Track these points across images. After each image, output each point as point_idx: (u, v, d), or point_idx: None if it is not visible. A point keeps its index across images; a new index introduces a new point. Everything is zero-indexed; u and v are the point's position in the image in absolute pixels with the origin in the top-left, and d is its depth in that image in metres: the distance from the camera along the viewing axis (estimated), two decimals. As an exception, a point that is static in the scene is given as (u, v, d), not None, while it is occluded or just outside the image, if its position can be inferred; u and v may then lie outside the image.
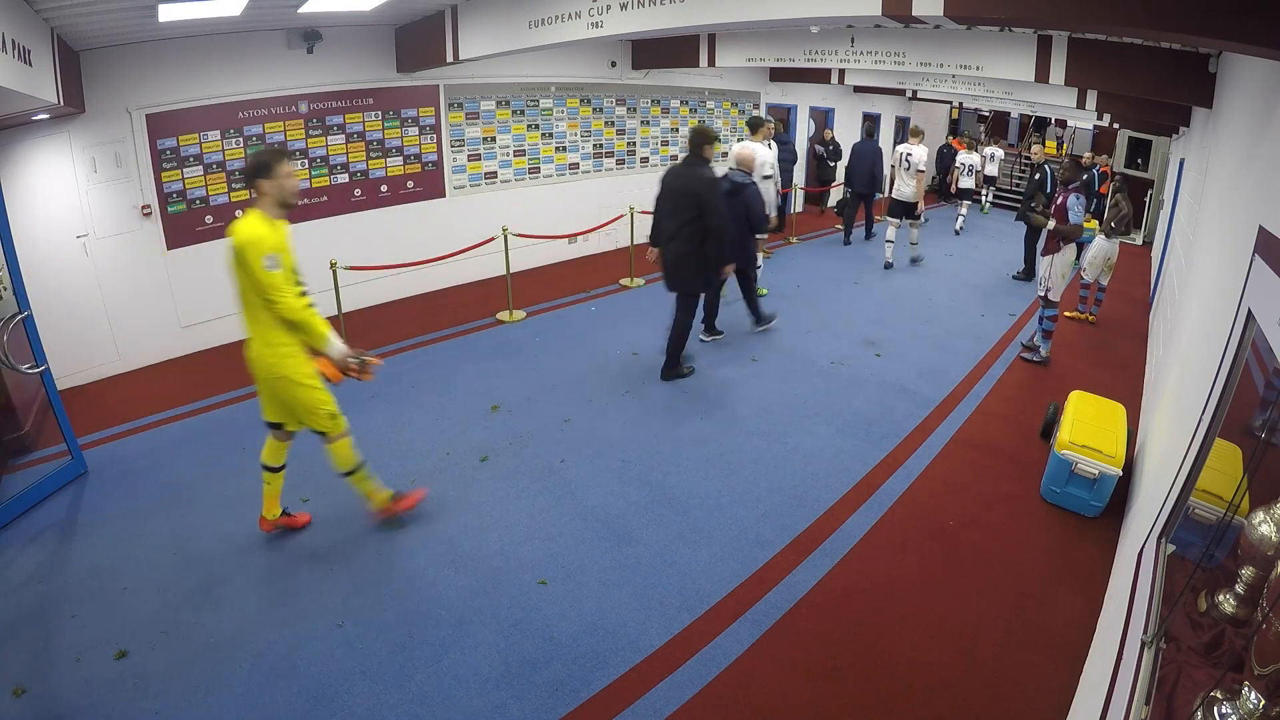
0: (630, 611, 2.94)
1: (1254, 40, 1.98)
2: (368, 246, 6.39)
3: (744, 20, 3.56)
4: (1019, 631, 2.90)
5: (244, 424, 4.50)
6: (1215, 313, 2.50)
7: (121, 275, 5.16)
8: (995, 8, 2.75)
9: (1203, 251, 3.62)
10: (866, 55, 6.32)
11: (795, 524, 3.56)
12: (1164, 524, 2.30)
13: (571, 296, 7.14)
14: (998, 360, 5.89)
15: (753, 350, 5.79)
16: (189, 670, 2.60)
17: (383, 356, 5.55)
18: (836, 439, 4.42)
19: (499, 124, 7.48)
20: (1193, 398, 2.43)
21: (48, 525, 3.48)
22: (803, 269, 8.41)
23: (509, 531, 3.45)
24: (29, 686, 2.51)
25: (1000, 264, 9.05)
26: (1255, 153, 2.48)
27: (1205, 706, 1.32)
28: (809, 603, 3.03)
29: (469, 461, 4.07)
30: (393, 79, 6.46)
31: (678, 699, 2.53)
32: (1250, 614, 1.45)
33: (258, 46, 5.54)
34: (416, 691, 2.53)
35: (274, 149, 3.98)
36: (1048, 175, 7.82)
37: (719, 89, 10.03)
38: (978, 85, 8.55)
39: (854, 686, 2.61)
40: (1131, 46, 4.78)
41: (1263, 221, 1.91)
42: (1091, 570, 3.27)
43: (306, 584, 3.07)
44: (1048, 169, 7.87)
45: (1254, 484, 1.62)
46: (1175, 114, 6.41)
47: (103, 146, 4.93)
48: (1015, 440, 4.52)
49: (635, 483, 3.88)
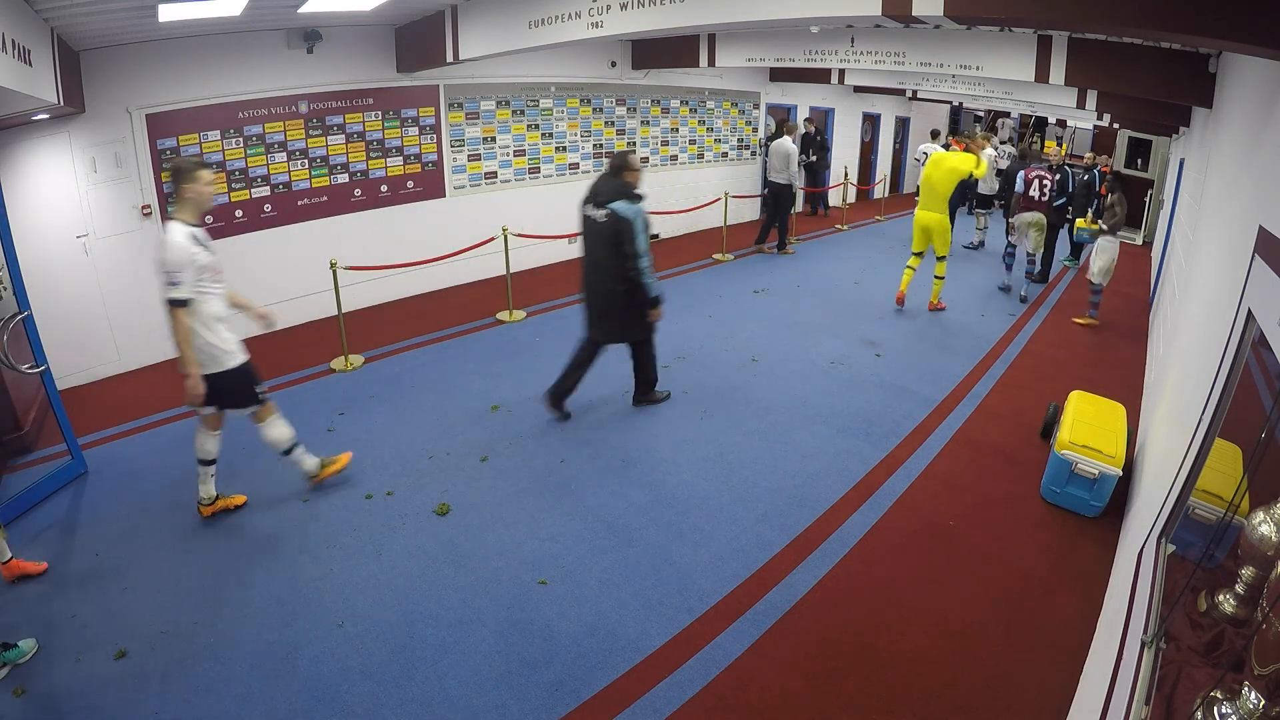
0: (630, 611, 2.94)
1: (1254, 40, 1.98)
2: (368, 246, 6.39)
3: (744, 20, 3.56)
4: (1019, 631, 2.90)
5: (243, 424, 4.49)
6: (1215, 313, 2.50)
7: (121, 275, 5.16)
8: (995, 8, 2.75)
9: (1203, 251, 3.62)
10: (866, 55, 6.32)
11: (795, 524, 3.56)
12: (1164, 524, 2.30)
13: (572, 296, 7.13)
14: (998, 360, 5.89)
15: (753, 350, 5.79)
16: (189, 670, 2.60)
17: (383, 356, 5.59)
18: (836, 439, 4.42)
19: (499, 124, 7.48)
20: (1193, 398, 2.44)
21: (48, 525, 3.48)
22: (803, 269, 8.42)
23: (509, 531, 3.45)
24: (29, 686, 2.51)
25: (1001, 264, 9.03)
26: (1255, 153, 2.48)
27: (1205, 706, 1.32)
28: (809, 603, 3.03)
29: (469, 461, 4.07)
30: (393, 79, 6.46)
31: (678, 699, 2.53)
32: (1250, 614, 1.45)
33: (258, 46, 5.54)
34: (416, 691, 2.53)
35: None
36: (1068, 176, 7.83)
37: (719, 89, 10.03)
38: (978, 85, 8.56)
39: (854, 686, 2.61)
40: (1131, 46, 4.78)
41: (1263, 221, 1.91)
42: (1091, 570, 3.27)
43: (306, 584, 3.07)
44: (1068, 170, 7.86)
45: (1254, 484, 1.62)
46: (1175, 114, 6.41)
47: (103, 146, 4.93)
48: (1015, 440, 4.52)
49: (635, 483, 3.88)
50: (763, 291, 7.46)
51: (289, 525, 3.47)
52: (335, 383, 5.15)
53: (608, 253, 4.10)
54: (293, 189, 6.03)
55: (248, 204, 5.77)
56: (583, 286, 4.42)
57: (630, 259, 4.04)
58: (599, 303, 4.33)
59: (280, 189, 5.96)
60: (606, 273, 4.16)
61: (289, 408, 4.69)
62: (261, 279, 5.95)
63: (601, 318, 4.36)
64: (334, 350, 5.56)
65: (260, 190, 5.84)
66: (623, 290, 4.16)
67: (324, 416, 4.57)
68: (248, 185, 5.75)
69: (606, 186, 4.18)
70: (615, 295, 4.20)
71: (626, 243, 4.03)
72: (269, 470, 3.91)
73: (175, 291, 3.05)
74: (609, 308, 4.29)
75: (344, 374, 5.29)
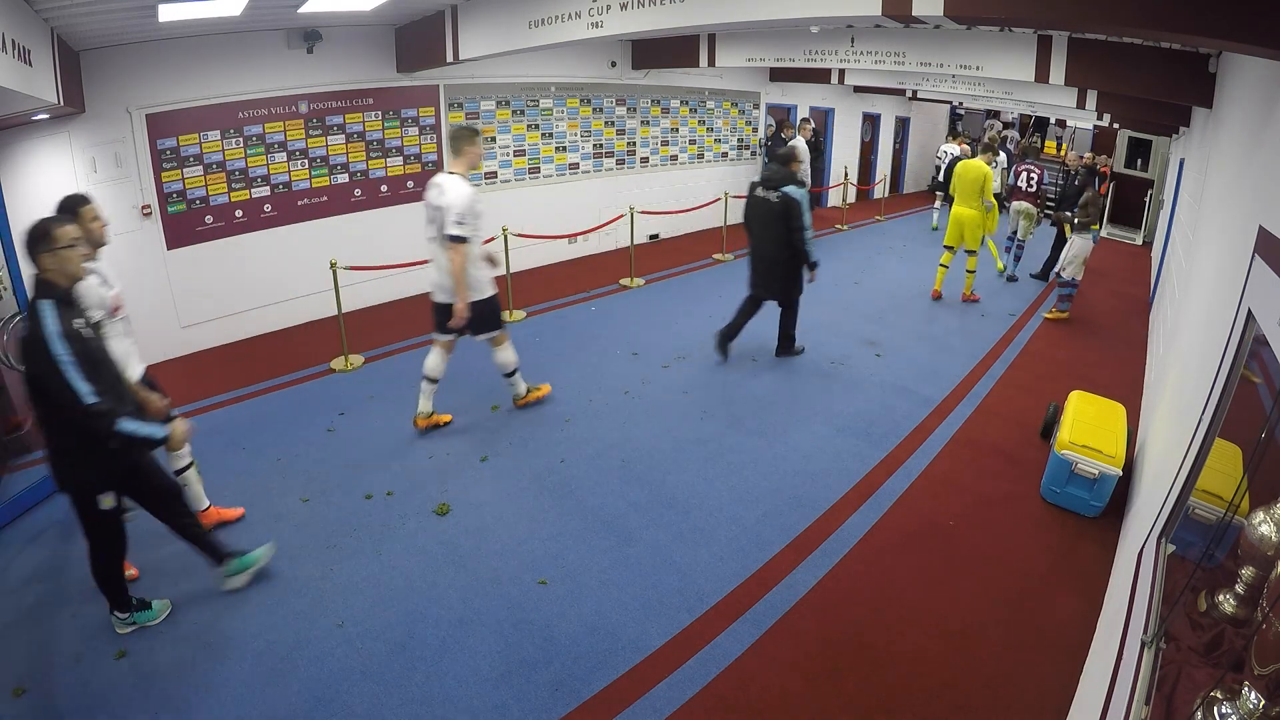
0: (630, 611, 2.94)
1: (1254, 40, 1.98)
2: (368, 246, 6.38)
3: (744, 20, 3.56)
4: (1019, 631, 2.90)
5: (244, 424, 4.50)
6: (1215, 313, 2.50)
7: (121, 275, 5.09)
8: (995, 8, 2.75)
9: (1203, 251, 3.62)
10: (866, 55, 6.32)
11: (795, 524, 3.56)
12: (1164, 524, 2.30)
13: (571, 296, 7.14)
14: (998, 360, 5.89)
15: (753, 351, 5.79)
16: (189, 670, 2.60)
17: (383, 356, 5.59)
18: (836, 439, 4.42)
19: (499, 124, 7.48)
20: (1193, 397, 2.44)
21: (48, 525, 3.48)
22: (803, 269, 8.42)
23: (509, 531, 3.45)
24: (29, 686, 2.51)
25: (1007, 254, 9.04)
26: (1255, 153, 2.48)
27: (1205, 706, 1.32)
28: (809, 603, 3.03)
29: (469, 461, 4.06)
30: (393, 79, 6.46)
31: (678, 699, 2.53)
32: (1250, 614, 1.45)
33: (258, 46, 5.54)
34: (416, 691, 2.53)
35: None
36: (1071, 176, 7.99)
37: (719, 89, 10.03)
38: (978, 85, 8.56)
39: (854, 686, 2.61)
40: (1131, 46, 4.78)
41: (1263, 221, 1.91)
42: (1091, 570, 3.27)
43: (306, 584, 3.07)
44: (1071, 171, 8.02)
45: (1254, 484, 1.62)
46: (1175, 114, 6.41)
47: (103, 146, 4.93)
48: (1015, 440, 4.52)
49: (635, 483, 3.88)
50: (763, 291, 7.46)
51: (289, 526, 3.46)
52: (335, 383, 5.15)
53: (777, 226, 5.07)
54: (293, 189, 6.03)
55: (248, 204, 5.77)
56: (750, 253, 5.44)
57: (798, 231, 5.01)
58: (764, 266, 5.31)
59: (280, 189, 5.96)
60: (773, 243, 5.15)
61: (289, 408, 4.73)
62: (262, 279, 5.96)
63: (766, 278, 5.33)
64: (334, 350, 5.56)
65: (260, 190, 5.83)
66: (786, 257, 5.16)
67: (324, 416, 4.57)
68: (248, 185, 5.75)
69: (777, 174, 5.12)
70: (779, 261, 5.19)
71: (795, 217, 5.00)
72: (270, 470, 3.92)
73: (459, 230, 3.85)
74: (772, 270, 5.26)
75: (344, 374, 5.29)
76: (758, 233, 5.28)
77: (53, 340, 2.31)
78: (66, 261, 2.43)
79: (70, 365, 2.31)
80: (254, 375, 5.22)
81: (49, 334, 2.32)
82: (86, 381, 2.32)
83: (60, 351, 2.31)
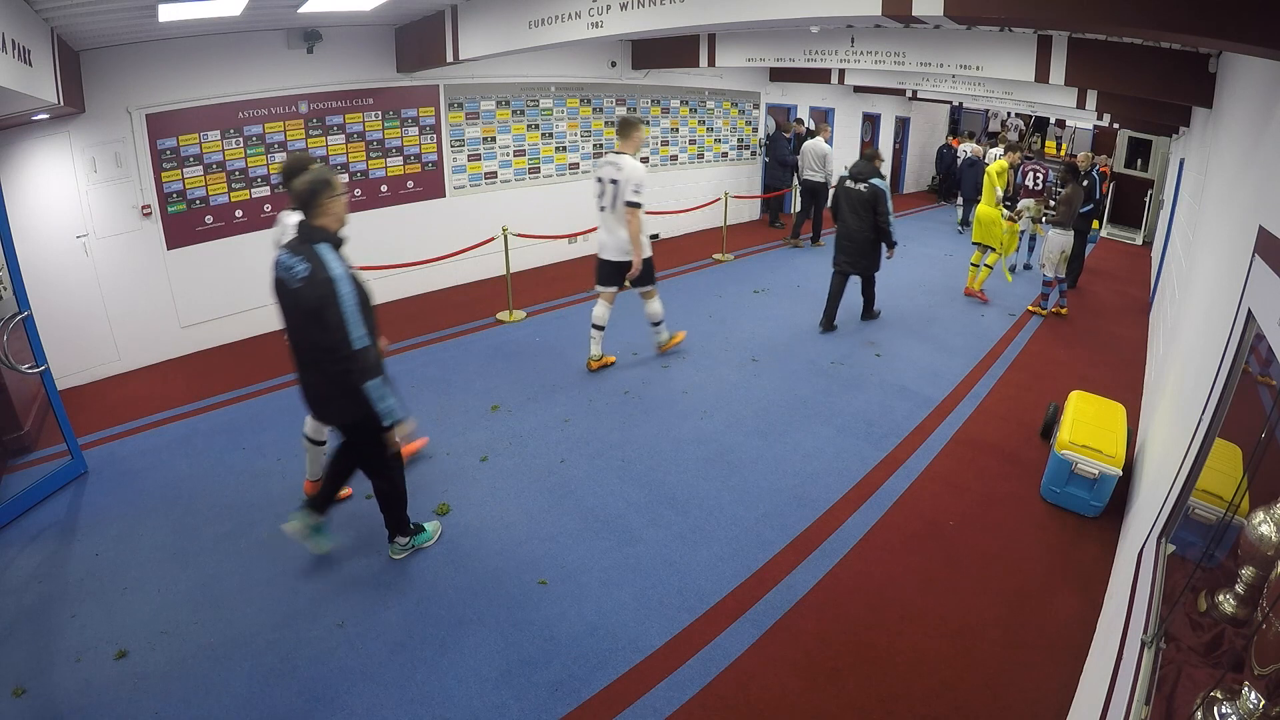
0: (630, 611, 2.94)
1: (1254, 40, 1.98)
2: (367, 246, 6.37)
3: (744, 20, 3.56)
4: (1019, 631, 2.91)
5: (244, 424, 4.50)
6: (1215, 313, 2.50)
7: (121, 275, 5.16)
8: (995, 8, 2.75)
9: (1203, 251, 3.62)
10: (866, 55, 6.32)
11: (795, 524, 3.56)
12: (1164, 524, 2.30)
13: (571, 296, 7.14)
14: (998, 360, 5.90)
15: (753, 350, 5.79)
16: (189, 670, 2.60)
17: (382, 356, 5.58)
18: (836, 439, 4.42)
19: (499, 124, 7.48)
20: (1193, 398, 2.43)
21: (48, 525, 3.48)
22: (803, 269, 8.41)
23: (509, 531, 3.45)
24: (29, 686, 2.51)
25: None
26: (1255, 153, 2.48)
27: (1205, 706, 1.32)
28: (809, 603, 3.03)
29: (469, 461, 4.07)
30: (393, 79, 6.46)
31: (678, 699, 2.53)
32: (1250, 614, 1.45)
33: (257, 46, 5.54)
34: (416, 691, 2.53)
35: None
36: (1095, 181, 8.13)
37: (719, 89, 10.03)
38: (978, 85, 8.56)
39: (854, 686, 2.61)
40: (1131, 46, 4.78)
41: (1263, 221, 1.91)
42: (1091, 570, 3.27)
43: (306, 583, 3.07)
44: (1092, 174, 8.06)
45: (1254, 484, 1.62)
46: (1175, 114, 6.41)
47: (103, 146, 4.93)
48: (1015, 440, 4.52)
49: (635, 483, 3.88)
50: (763, 291, 7.46)
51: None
52: (335, 383, 5.14)
53: (865, 212, 5.97)
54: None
55: (248, 204, 5.77)
56: (838, 235, 6.21)
57: (884, 215, 5.93)
58: (853, 246, 6.10)
59: (280, 189, 5.95)
60: (859, 225, 6.01)
61: (289, 408, 4.71)
62: (262, 279, 5.92)
63: (854, 256, 6.13)
64: (334, 350, 5.55)
65: (260, 190, 5.83)
66: (871, 239, 6.04)
67: (324, 416, 4.56)
68: (248, 185, 5.75)
69: (864, 169, 6.02)
70: (866, 242, 6.05)
71: (881, 204, 5.92)
72: (270, 470, 3.92)
73: (638, 198, 4.74)
74: (860, 249, 6.09)
75: (344, 374, 5.28)
76: (847, 218, 6.03)
77: (340, 281, 2.46)
78: (343, 208, 2.71)
79: (353, 307, 2.46)
80: (254, 375, 5.22)
81: (336, 275, 2.47)
82: (361, 325, 2.48)
83: (346, 292, 2.45)
